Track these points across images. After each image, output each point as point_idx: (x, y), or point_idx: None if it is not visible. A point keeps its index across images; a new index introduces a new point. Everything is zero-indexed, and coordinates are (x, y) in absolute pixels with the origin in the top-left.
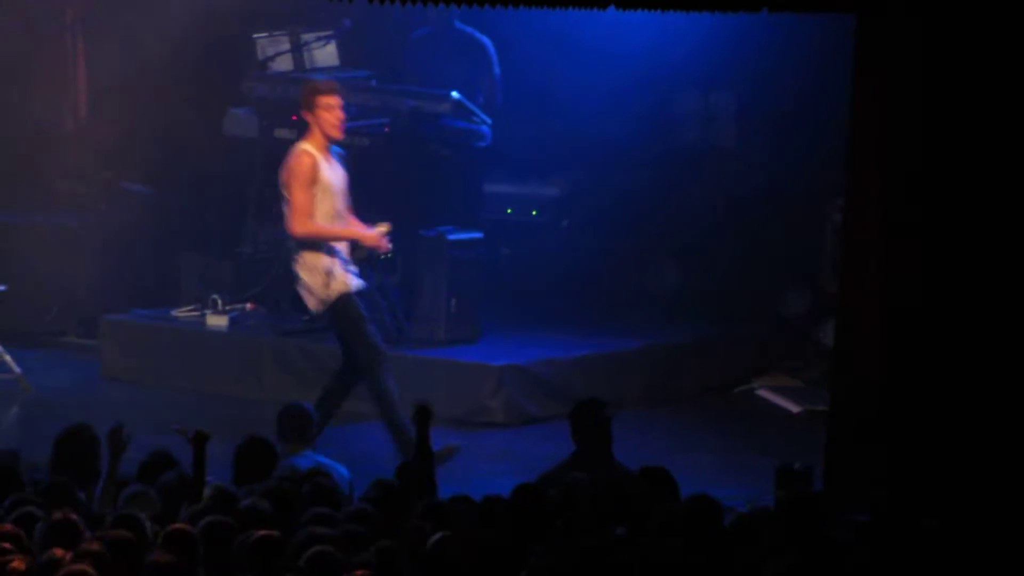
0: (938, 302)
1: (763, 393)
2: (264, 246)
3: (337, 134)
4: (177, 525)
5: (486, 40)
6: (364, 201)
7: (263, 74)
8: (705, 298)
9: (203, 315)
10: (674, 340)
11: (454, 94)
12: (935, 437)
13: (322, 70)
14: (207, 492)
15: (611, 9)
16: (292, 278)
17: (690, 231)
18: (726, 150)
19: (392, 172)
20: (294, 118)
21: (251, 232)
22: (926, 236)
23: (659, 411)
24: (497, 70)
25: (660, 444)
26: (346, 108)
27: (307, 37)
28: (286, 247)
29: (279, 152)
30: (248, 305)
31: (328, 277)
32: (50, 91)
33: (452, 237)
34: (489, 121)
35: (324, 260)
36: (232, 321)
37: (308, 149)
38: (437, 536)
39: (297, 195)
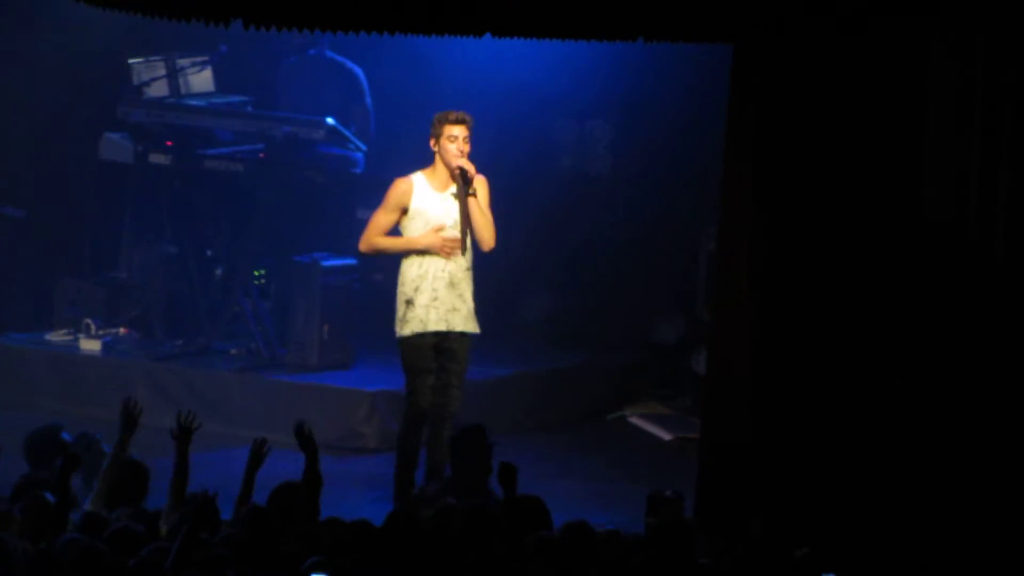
0: (810, 331)
1: (635, 420)
2: (138, 271)
3: (453, 161)
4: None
5: (357, 69)
6: (239, 226)
7: (139, 99)
8: (578, 325)
9: (77, 339)
10: (546, 367)
11: (329, 120)
12: (806, 465)
13: (198, 95)
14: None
15: (487, 37)
16: (173, 302)
17: (564, 258)
18: (601, 178)
19: (267, 198)
20: (169, 144)
21: (126, 257)
22: (798, 266)
23: (531, 438)
24: (369, 99)
25: (532, 471)
26: (221, 134)
27: (183, 62)
28: (159, 272)
29: (154, 177)
30: (122, 329)
31: (403, 311)
32: None
33: (326, 263)
34: (363, 148)
35: (406, 290)
36: (106, 345)
37: (412, 176)
38: (310, 561)
39: (375, 214)
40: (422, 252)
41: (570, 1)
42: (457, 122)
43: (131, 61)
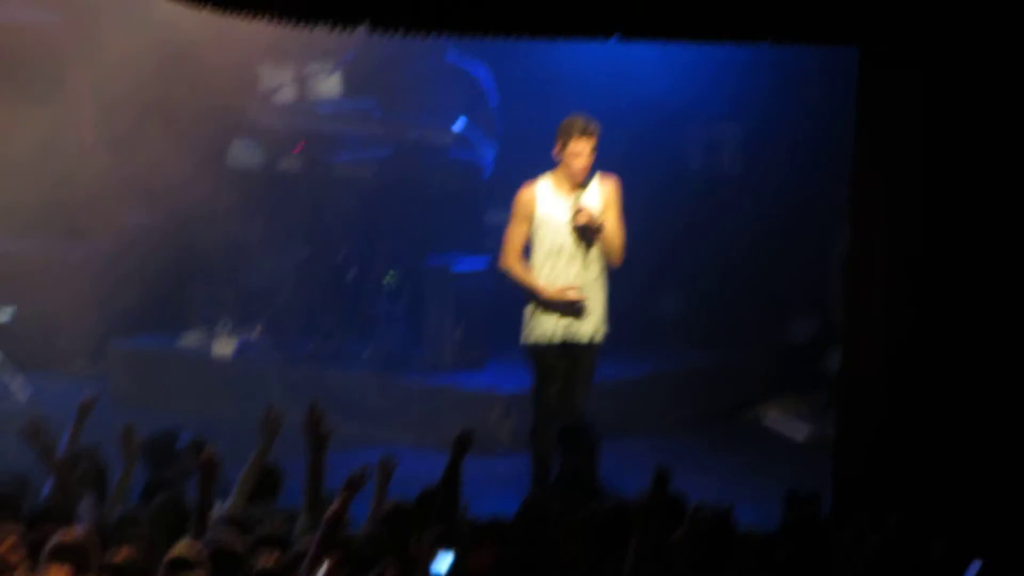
0: (940, 331)
1: (770, 420)
2: (270, 275)
3: (576, 179)
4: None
5: (483, 71)
6: (369, 230)
7: (268, 105)
8: (713, 325)
9: (210, 342)
10: (681, 366)
11: (457, 125)
12: (941, 463)
13: (326, 101)
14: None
15: (616, 49)
16: (305, 305)
17: (699, 258)
18: (732, 179)
19: (396, 202)
20: (297, 149)
21: (258, 261)
22: (930, 266)
23: (666, 437)
24: (494, 101)
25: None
26: (350, 138)
27: (311, 68)
28: (291, 276)
29: (283, 182)
30: (255, 332)
31: (530, 318)
32: (59, 121)
33: (458, 265)
34: (491, 153)
35: (531, 302)
36: (239, 348)
37: (535, 181)
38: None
39: (508, 228)
40: (552, 258)
41: (700, 4)
42: (582, 137)
43: (260, 67)
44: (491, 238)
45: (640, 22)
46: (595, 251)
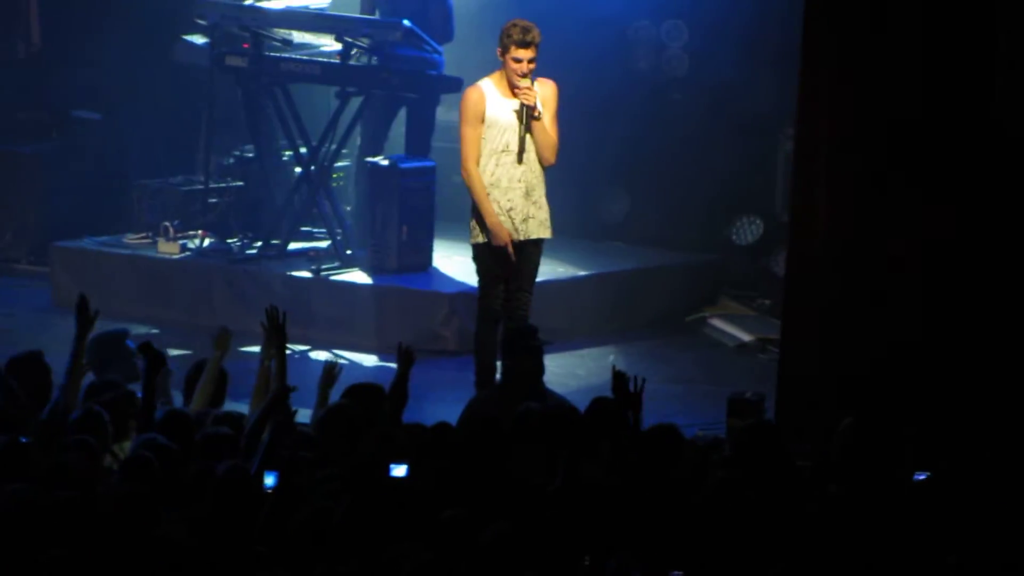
0: (886, 229)
1: (715, 322)
2: (216, 174)
3: (515, 85)
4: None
5: None
6: (316, 129)
7: (214, 1)
8: (656, 227)
9: (154, 242)
10: (626, 268)
11: (405, 22)
12: (886, 363)
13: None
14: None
15: None
16: (250, 205)
17: (643, 160)
18: (678, 79)
19: (344, 100)
20: (245, 46)
21: (203, 160)
22: (874, 166)
23: (610, 340)
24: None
25: (611, 374)
26: (297, 36)
27: None
28: (236, 175)
29: (231, 80)
30: (199, 232)
31: (478, 217)
32: (2, 18)
33: (404, 165)
34: (441, 50)
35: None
36: (183, 248)
37: (480, 83)
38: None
39: (461, 132)
40: (497, 156)
41: None
42: (521, 45)
43: None
44: (441, 137)
45: None
46: (540, 147)
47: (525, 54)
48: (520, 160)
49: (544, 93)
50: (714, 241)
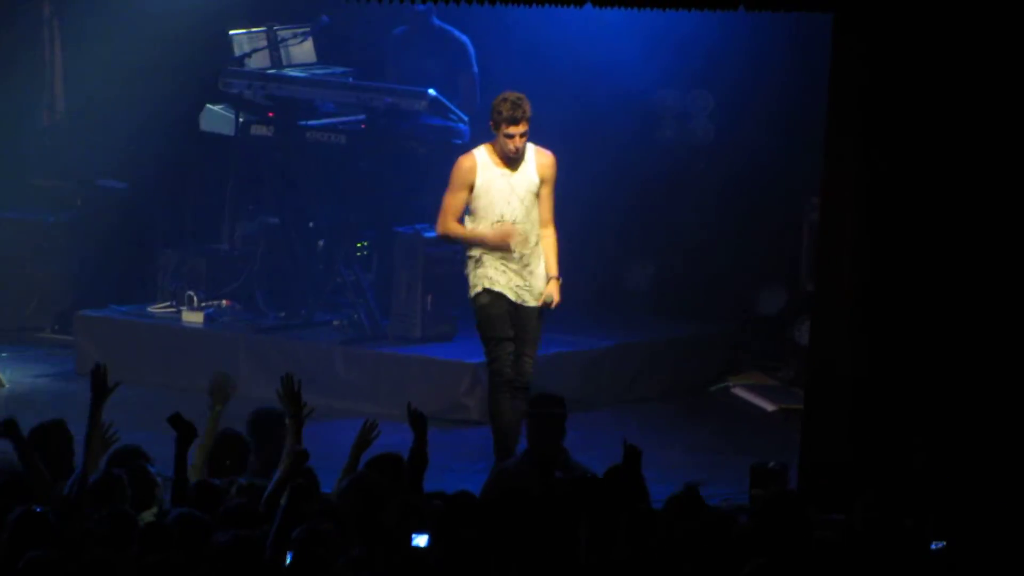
0: (913, 302)
1: (738, 392)
2: (240, 243)
3: (511, 155)
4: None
5: (465, 38)
6: (340, 198)
7: (239, 70)
8: (680, 296)
9: (179, 311)
10: (649, 338)
11: (431, 91)
12: (910, 439)
13: (299, 67)
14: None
15: (588, 8)
16: (275, 274)
17: (668, 229)
18: (703, 148)
19: (369, 169)
20: (271, 115)
21: (227, 229)
22: (901, 237)
23: (632, 409)
24: (475, 68)
25: (633, 442)
26: (322, 105)
27: (284, 33)
28: (261, 244)
29: (255, 149)
30: (224, 302)
31: (474, 269)
32: (27, 87)
33: (428, 235)
34: (466, 119)
35: (474, 252)
36: (208, 317)
37: (474, 152)
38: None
39: (446, 195)
40: (493, 227)
41: None
42: (511, 122)
43: (232, 33)
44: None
45: None
46: (535, 220)
47: (516, 130)
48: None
49: (543, 165)
50: (738, 311)
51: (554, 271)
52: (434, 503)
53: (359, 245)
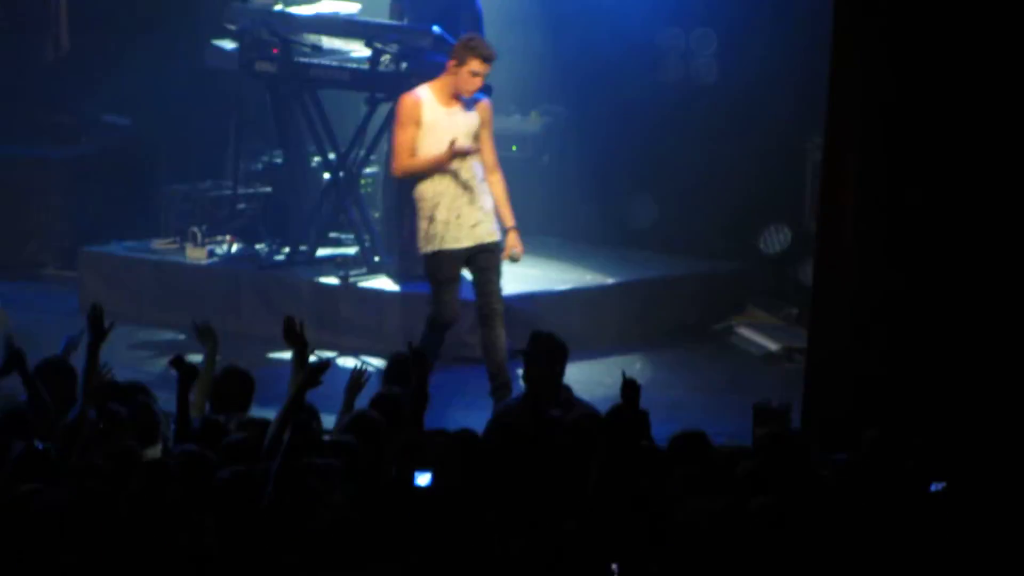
0: (914, 241)
1: (741, 331)
2: (244, 179)
3: (466, 94)
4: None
5: None
6: (345, 135)
7: (244, 7)
8: (684, 235)
9: (183, 248)
10: (652, 276)
11: (435, 28)
12: (913, 374)
13: (304, 4)
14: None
15: None
16: (279, 210)
17: (670, 168)
18: (706, 87)
19: (373, 106)
20: (275, 51)
21: (232, 165)
22: (903, 175)
23: (636, 348)
24: (478, 5)
25: (631, 378)
26: (331, 42)
27: None
28: (265, 181)
29: (259, 85)
30: (228, 238)
31: (428, 227)
32: (31, 22)
33: None
34: None
35: (426, 207)
36: (211, 254)
37: (417, 90)
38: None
39: (394, 135)
40: (438, 170)
41: None
42: (487, 60)
43: None
44: None
45: None
46: (476, 158)
47: (484, 68)
48: (460, 166)
49: (483, 112)
50: (741, 250)
51: (510, 221)
52: (436, 440)
53: (363, 182)
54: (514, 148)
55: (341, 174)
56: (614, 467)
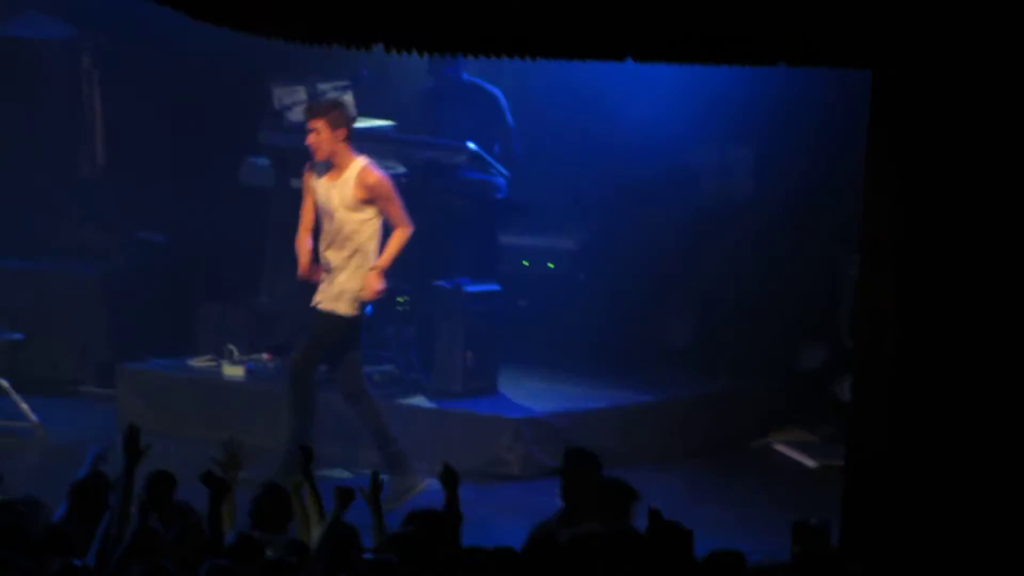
0: (954, 360)
1: (779, 448)
2: (280, 296)
3: (315, 158)
4: None
5: (496, 91)
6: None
7: (279, 123)
8: (721, 352)
9: (219, 365)
10: (690, 394)
11: (470, 145)
12: (954, 495)
13: None
14: (229, 539)
15: (629, 62)
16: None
17: (707, 285)
18: (743, 204)
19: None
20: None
21: (268, 282)
22: (943, 293)
23: (674, 465)
24: (511, 121)
25: (675, 498)
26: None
27: (323, 87)
28: (301, 298)
29: (294, 202)
30: (265, 355)
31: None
32: (68, 138)
33: (469, 289)
34: (506, 173)
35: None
36: (249, 371)
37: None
38: None
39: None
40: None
41: (713, 27)
42: (308, 118)
43: (272, 86)
44: (505, 261)
45: (653, 44)
46: (350, 233)
47: (313, 125)
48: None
49: (363, 182)
50: (778, 367)
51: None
52: (476, 557)
53: (399, 299)
54: (551, 265)
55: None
56: None
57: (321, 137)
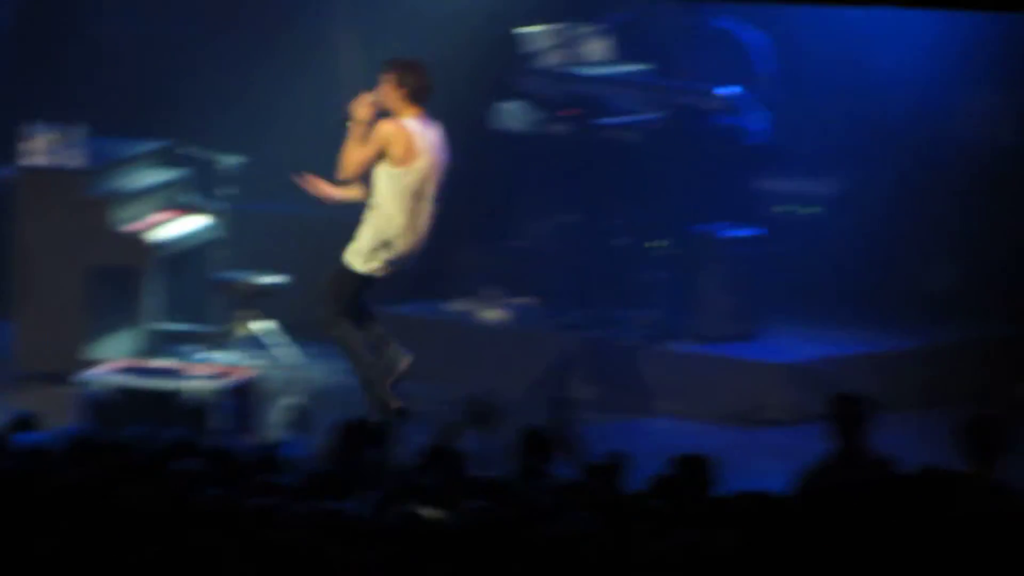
0: None
1: None
2: (537, 240)
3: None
4: None
5: (759, 35)
6: (637, 196)
7: (535, 68)
8: (984, 297)
9: (478, 308)
10: (952, 339)
11: (727, 90)
12: None
13: (595, 64)
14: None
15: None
16: (574, 272)
17: (969, 229)
18: (1005, 148)
19: (664, 169)
20: (567, 112)
21: (524, 226)
22: None
23: (936, 413)
24: (773, 66)
25: (938, 448)
26: (619, 102)
27: (582, 30)
28: (558, 242)
29: (551, 146)
30: (523, 298)
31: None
32: (318, 88)
33: (728, 234)
34: (764, 118)
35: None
36: (508, 314)
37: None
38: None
39: None
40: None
41: None
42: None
43: (524, 30)
44: (762, 205)
45: None
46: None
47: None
48: None
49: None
50: None
51: None
52: (739, 502)
53: (658, 244)
54: (815, 209)
55: (637, 235)
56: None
57: (385, 90)
